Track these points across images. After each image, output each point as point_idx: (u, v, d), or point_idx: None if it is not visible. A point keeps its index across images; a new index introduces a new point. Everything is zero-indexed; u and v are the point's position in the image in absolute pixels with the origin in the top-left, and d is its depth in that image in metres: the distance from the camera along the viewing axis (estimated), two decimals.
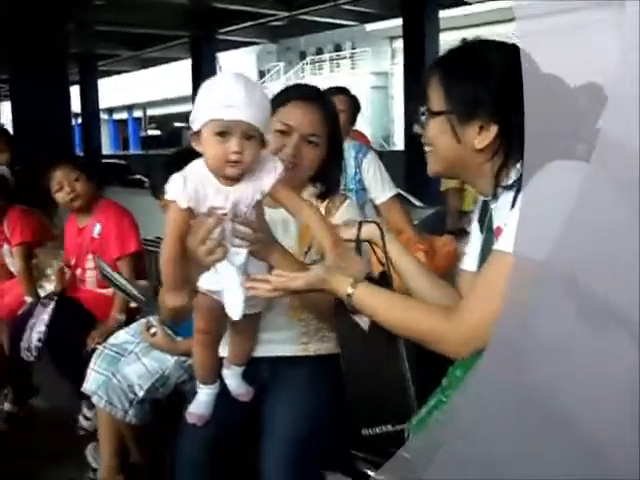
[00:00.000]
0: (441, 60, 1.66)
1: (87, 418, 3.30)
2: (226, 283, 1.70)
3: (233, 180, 1.69)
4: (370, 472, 2.02)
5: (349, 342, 1.71)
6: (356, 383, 1.70)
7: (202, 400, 1.94)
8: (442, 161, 1.64)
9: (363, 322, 1.62)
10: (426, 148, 1.66)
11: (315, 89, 2.19)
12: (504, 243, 1.43)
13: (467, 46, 1.64)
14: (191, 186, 1.65)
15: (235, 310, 1.70)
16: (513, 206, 1.49)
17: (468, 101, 1.55)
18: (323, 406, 1.98)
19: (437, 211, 5.55)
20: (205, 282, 1.75)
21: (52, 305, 3.40)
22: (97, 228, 3.48)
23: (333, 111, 2.18)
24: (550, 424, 1.23)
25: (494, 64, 1.55)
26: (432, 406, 1.46)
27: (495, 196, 1.61)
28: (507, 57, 1.56)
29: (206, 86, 1.69)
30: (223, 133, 1.64)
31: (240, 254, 1.73)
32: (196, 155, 1.72)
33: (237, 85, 1.64)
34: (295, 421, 1.92)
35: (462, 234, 3.80)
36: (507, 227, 1.46)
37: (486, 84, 1.53)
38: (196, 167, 1.70)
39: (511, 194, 1.53)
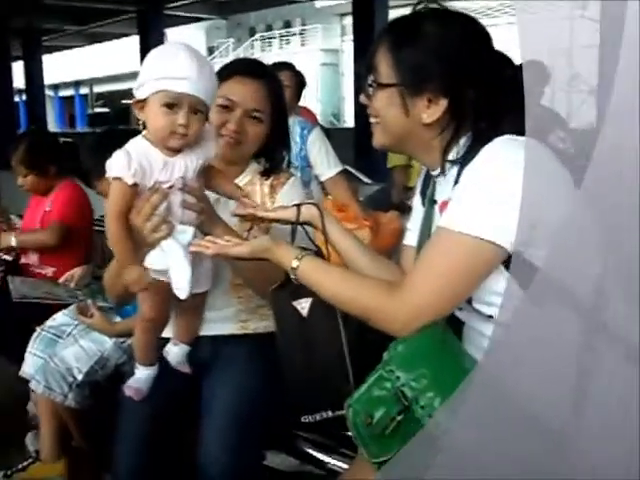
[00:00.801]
0: (390, 29, 1.58)
1: None
2: (173, 261, 1.67)
3: (174, 152, 1.68)
4: (312, 451, 2.01)
5: (287, 327, 1.67)
6: (294, 369, 1.67)
7: (140, 377, 1.91)
8: (389, 134, 1.58)
9: (302, 308, 1.59)
10: (372, 120, 1.61)
11: (259, 64, 2.14)
12: (448, 220, 1.41)
13: (418, 15, 1.56)
14: (136, 161, 1.62)
15: (183, 288, 1.67)
16: (457, 182, 1.47)
17: (417, 73, 1.48)
18: (262, 385, 1.97)
19: (383, 187, 5.52)
20: (151, 261, 1.71)
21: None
22: (50, 202, 3.45)
23: (278, 87, 2.13)
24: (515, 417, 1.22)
25: (445, 35, 1.49)
26: (372, 382, 1.44)
27: (443, 171, 1.56)
28: (460, 28, 1.52)
29: (157, 54, 1.67)
30: (171, 105, 1.63)
31: (186, 232, 1.71)
32: (119, 136, 1.71)
33: (190, 58, 1.62)
34: (234, 400, 1.91)
35: (408, 210, 3.80)
36: (451, 203, 1.43)
37: (437, 55, 1.47)
38: (137, 142, 1.68)
39: (456, 169, 1.51)
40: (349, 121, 24.86)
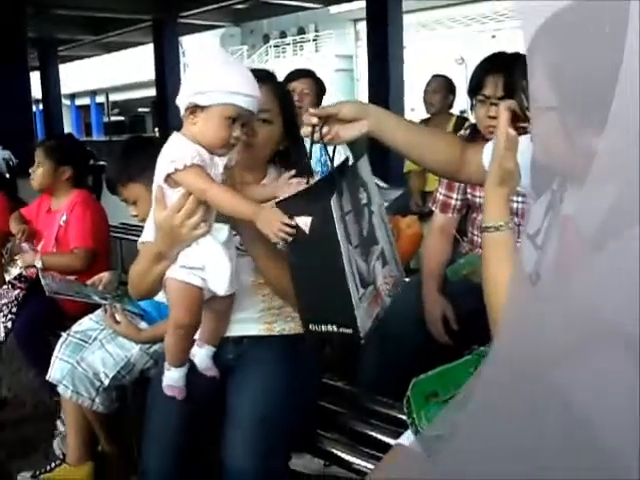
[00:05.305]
0: (549, 30, 1.16)
1: None
2: (211, 258, 1.73)
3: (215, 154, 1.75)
4: (336, 451, 2.04)
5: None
6: (304, 280, 1.60)
7: (175, 376, 1.92)
8: (551, 167, 1.28)
9: (304, 225, 1.53)
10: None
11: (264, 71, 2.12)
12: None
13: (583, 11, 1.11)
14: (200, 153, 1.70)
15: (222, 284, 1.73)
16: None
17: (587, 92, 1.10)
18: (287, 386, 1.99)
19: (404, 192, 5.52)
20: (186, 259, 1.75)
21: (23, 286, 3.36)
22: (64, 216, 3.48)
23: (283, 89, 2.17)
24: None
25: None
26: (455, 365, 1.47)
27: None
28: None
29: (223, 64, 1.73)
30: (234, 119, 1.71)
31: (222, 229, 1.77)
32: (143, 143, 1.75)
33: (252, 77, 1.72)
34: (259, 403, 1.94)
35: (427, 215, 3.80)
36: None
37: None
38: (182, 140, 1.73)
39: None
40: None
